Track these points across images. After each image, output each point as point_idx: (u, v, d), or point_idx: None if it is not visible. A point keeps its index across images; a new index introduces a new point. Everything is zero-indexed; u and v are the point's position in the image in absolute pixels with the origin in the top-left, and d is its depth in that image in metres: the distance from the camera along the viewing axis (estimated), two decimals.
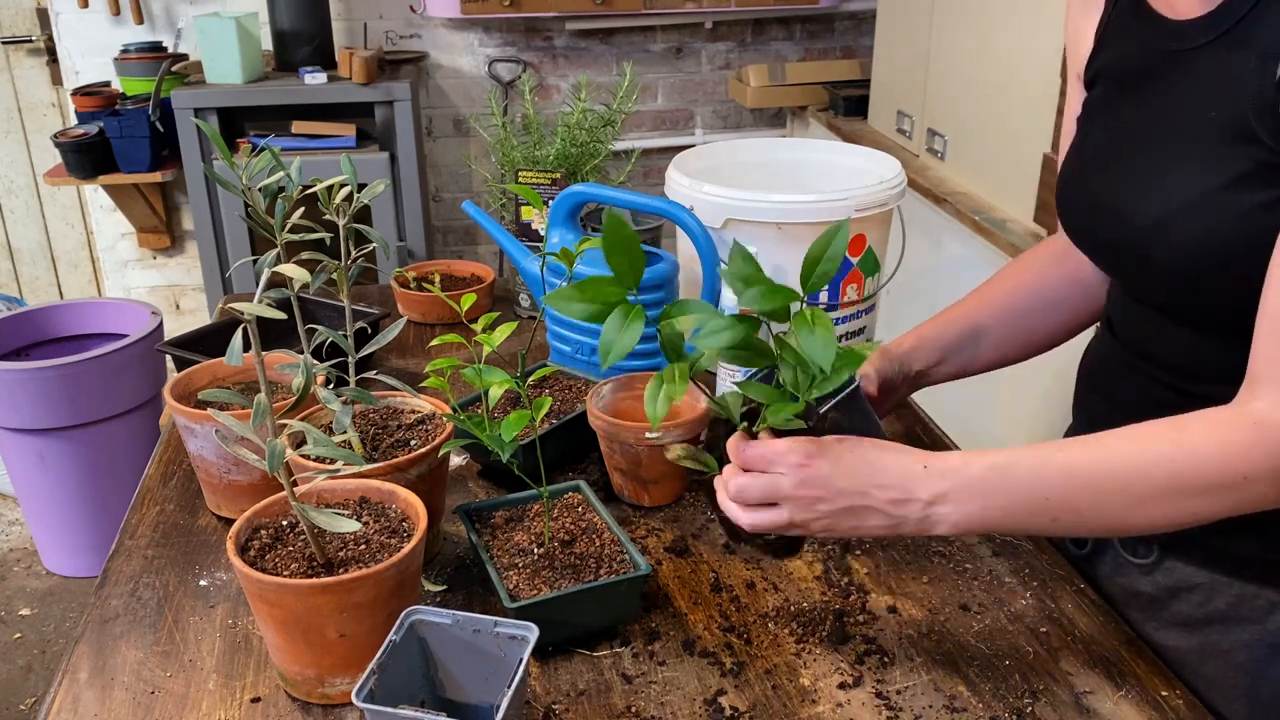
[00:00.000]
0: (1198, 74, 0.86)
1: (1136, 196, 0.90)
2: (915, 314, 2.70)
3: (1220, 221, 0.83)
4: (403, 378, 1.14)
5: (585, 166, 1.62)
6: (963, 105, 2.56)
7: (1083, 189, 0.98)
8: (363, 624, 0.85)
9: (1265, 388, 0.80)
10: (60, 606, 2.70)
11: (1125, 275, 0.99)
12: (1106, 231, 0.95)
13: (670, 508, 1.17)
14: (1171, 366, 0.95)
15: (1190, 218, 0.85)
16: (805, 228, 1.36)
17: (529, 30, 3.46)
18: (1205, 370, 0.89)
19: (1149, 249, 0.88)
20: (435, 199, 3.61)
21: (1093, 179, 0.97)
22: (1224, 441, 0.81)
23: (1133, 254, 0.92)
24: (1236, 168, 0.82)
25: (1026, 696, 0.90)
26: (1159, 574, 0.99)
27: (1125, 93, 0.95)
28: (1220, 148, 0.83)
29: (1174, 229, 0.86)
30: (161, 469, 1.26)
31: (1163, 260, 0.88)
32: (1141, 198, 0.89)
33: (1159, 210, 0.87)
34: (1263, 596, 0.92)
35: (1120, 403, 0.99)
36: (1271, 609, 0.92)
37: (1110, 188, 0.94)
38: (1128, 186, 0.91)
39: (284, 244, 0.90)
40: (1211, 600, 0.95)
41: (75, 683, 0.93)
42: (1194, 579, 0.96)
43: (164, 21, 3.30)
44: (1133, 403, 0.91)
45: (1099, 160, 0.97)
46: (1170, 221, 0.86)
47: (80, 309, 2.85)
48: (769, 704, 0.89)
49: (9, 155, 3.70)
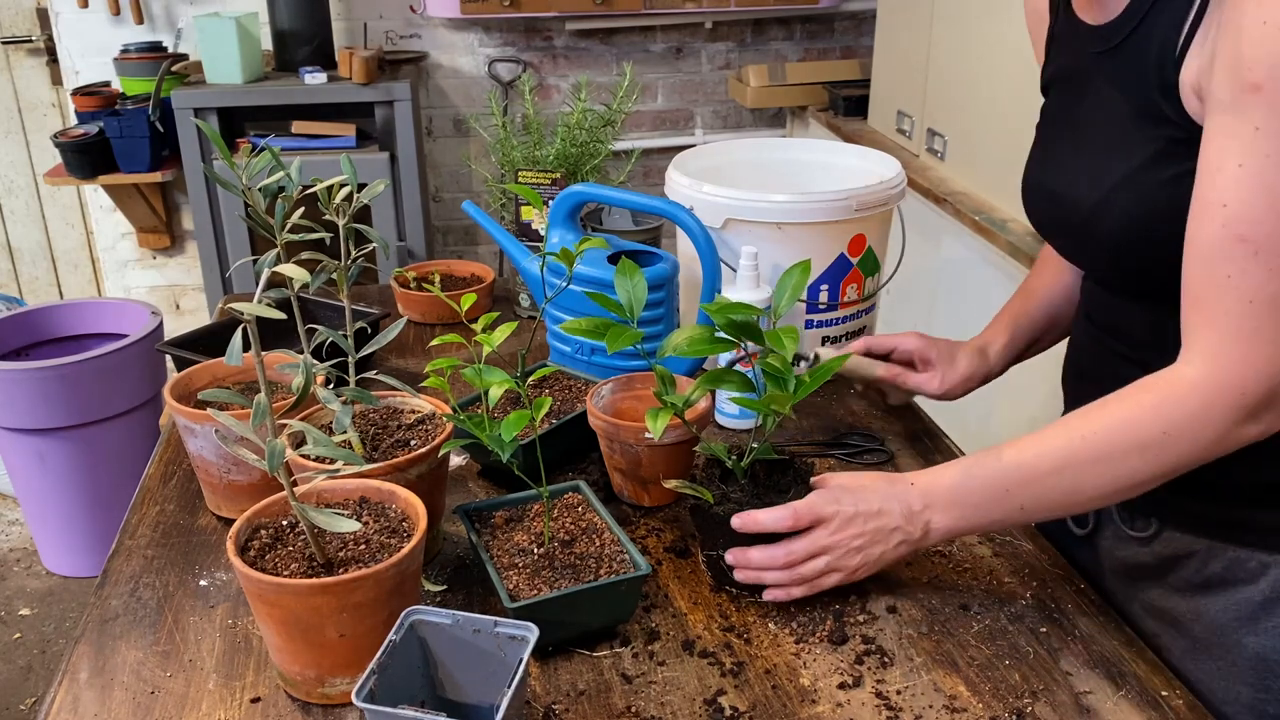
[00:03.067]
0: (1115, 69, 0.96)
1: (1079, 184, 0.99)
2: (915, 314, 2.70)
3: (1144, 195, 0.92)
4: (403, 378, 1.14)
5: (585, 166, 1.62)
6: (963, 105, 2.56)
7: (1038, 182, 1.09)
8: (363, 624, 0.85)
9: (1189, 351, 0.88)
10: (60, 606, 2.70)
11: (1078, 256, 1.08)
12: (1059, 217, 1.05)
13: (670, 508, 1.17)
14: (1137, 342, 1.02)
15: (1122, 196, 0.94)
16: (805, 228, 1.36)
17: (529, 30, 3.46)
18: (1166, 343, 0.93)
19: (1092, 228, 0.97)
20: (435, 199, 3.61)
21: (1046, 172, 1.07)
22: (1140, 403, 0.90)
23: (1080, 235, 1.01)
24: (1153, 147, 0.91)
25: (1026, 696, 0.90)
26: (1158, 544, 1.04)
27: (1067, 95, 1.05)
28: (1139, 131, 0.93)
29: (1111, 208, 0.95)
30: (161, 469, 1.26)
31: (1103, 237, 0.96)
32: (1083, 184, 0.99)
33: (1098, 193, 0.96)
34: (1255, 559, 0.97)
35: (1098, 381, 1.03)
36: (1263, 569, 0.96)
37: (1059, 178, 1.03)
38: (1072, 175, 1.01)
39: (284, 244, 0.90)
40: (1208, 565, 1.00)
41: (75, 683, 0.93)
42: (1192, 546, 1.01)
43: (164, 21, 3.30)
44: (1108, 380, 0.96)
45: (1050, 155, 1.08)
46: (1107, 201, 0.95)
47: (80, 309, 2.85)
48: (769, 704, 0.89)
49: (9, 155, 3.70)
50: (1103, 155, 0.97)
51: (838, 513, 0.98)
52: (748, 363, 1.01)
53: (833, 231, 1.37)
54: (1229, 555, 0.98)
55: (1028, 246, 2.18)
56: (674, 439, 1.12)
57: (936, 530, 0.98)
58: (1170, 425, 0.88)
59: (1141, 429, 0.89)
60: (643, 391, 1.22)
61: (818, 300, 1.41)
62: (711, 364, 1.42)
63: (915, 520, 0.98)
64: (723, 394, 1.31)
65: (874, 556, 0.99)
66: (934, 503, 0.98)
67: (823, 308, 1.42)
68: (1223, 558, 0.99)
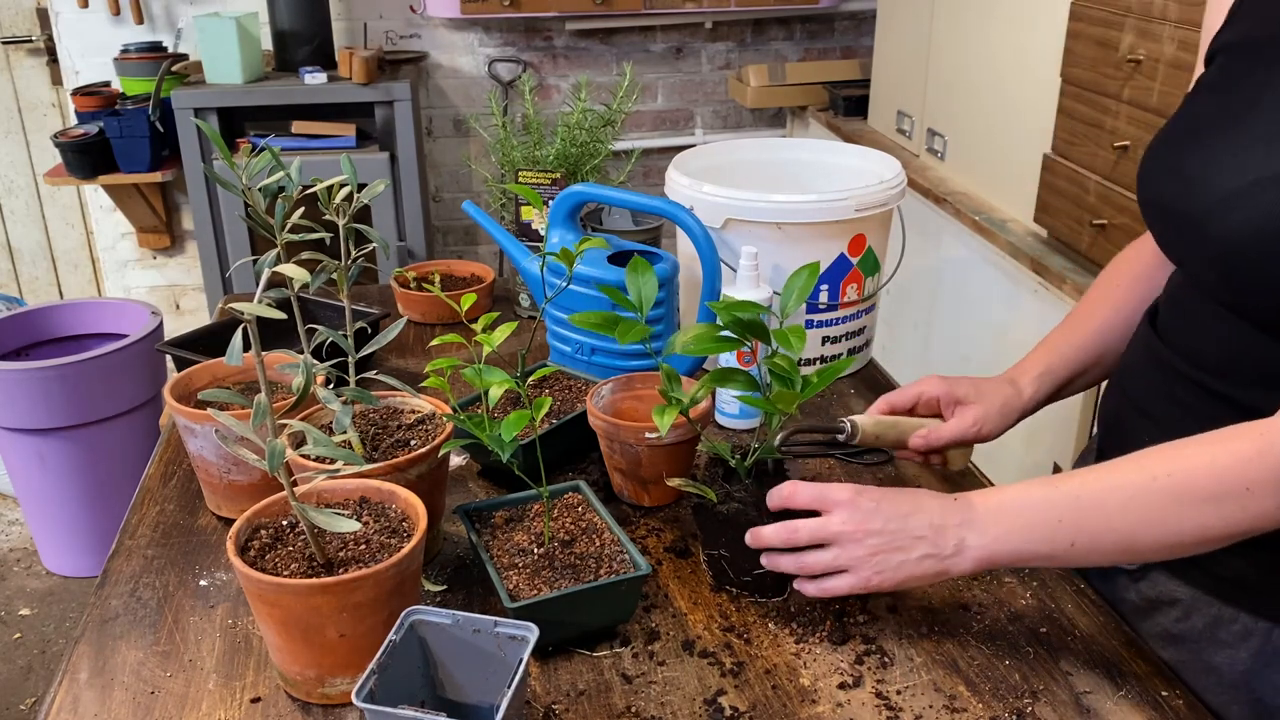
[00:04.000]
0: None
1: (1218, 166, 0.85)
2: (915, 314, 2.70)
3: None
4: (403, 378, 1.14)
5: (585, 166, 1.62)
6: (963, 105, 2.56)
7: (1167, 156, 0.93)
8: (363, 624, 0.85)
9: None
10: (60, 606, 2.70)
11: (1179, 249, 0.94)
12: (1175, 200, 0.90)
13: (670, 508, 1.17)
14: (1205, 362, 0.91)
15: (1263, 194, 0.81)
16: (805, 228, 1.36)
17: (529, 30, 3.46)
18: (1240, 371, 0.86)
19: (1209, 223, 0.85)
20: (435, 199, 3.61)
21: (1181, 147, 0.92)
22: (1232, 450, 0.80)
23: (1193, 227, 0.87)
24: None
25: (1026, 696, 0.90)
26: (1144, 584, 0.99)
27: (1240, 66, 0.90)
28: None
29: (1243, 202, 0.82)
30: (161, 469, 1.26)
31: (1222, 235, 0.83)
32: (1219, 169, 0.85)
33: (1229, 184, 0.83)
34: (1239, 621, 0.91)
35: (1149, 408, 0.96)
36: (1246, 635, 0.90)
37: (1195, 156, 0.89)
38: (1211, 155, 0.87)
39: (284, 244, 0.90)
40: (1190, 617, 0.94)
41: (75, 683, 0.93)
42: (1175, 593, 0.95)
43: (164, 21, 3.30)
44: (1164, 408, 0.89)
45: (1194, 129, 0.92)
46: (1235, 197, 0.82)
47: (80, 309, 2.85)
48: (769, 704, 0.89)
49: (9, 155, 3.70)
50: (1261, 142, 0.83)
51: (853, 501, 0.90)
52: (749, 362, 1.01)
53: (833, 231, 1.37)
54: (1212, 612, 0.92)
55: (1028, 246, 2.18)
56: (675, 438, 1.12)
57: (971, 550, 0.88)
58: (1258, 481, 0.78)
59: (1225, 478, 0.79)
60: (643, 391, 1.22)
61: (818, 300, 1.41)
62: (712, 363, 1.42)
63: (947, 536, 0.88)
64: (723, 394, 1.31)
65: (891, 564, 0.89)
66: (974, 519, 0.88)
67: (823, 308, 1.42)
68: (1205, 613, 0.93)
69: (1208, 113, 0.92)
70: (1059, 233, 2.13)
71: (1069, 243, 2.10)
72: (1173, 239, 0.94)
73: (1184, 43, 1.72)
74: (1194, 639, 0.94)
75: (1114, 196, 1.92)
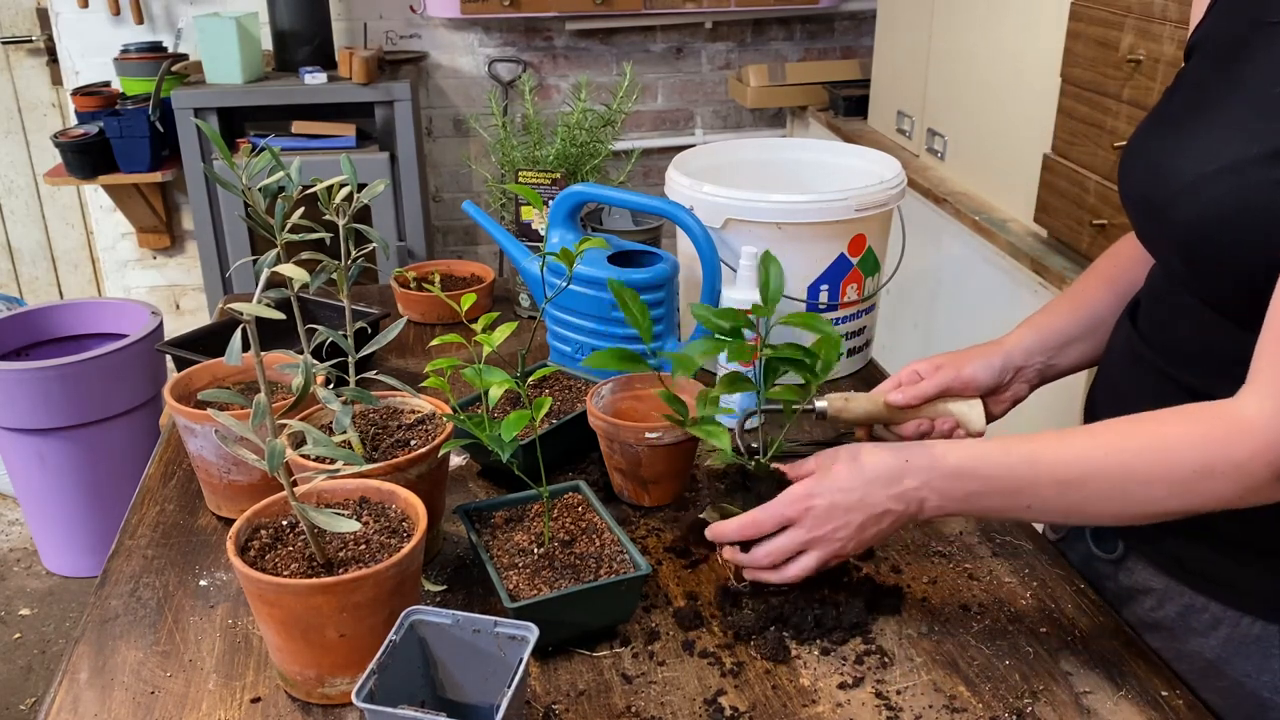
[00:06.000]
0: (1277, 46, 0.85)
1: (1185, 155, 0.88)
2: (915, 314, 2.70)
3: (1247, 187, 0.81)
4: (403, 378, 1.14)
5: (585, 166, 1.62)
6: (963, 105, 2.56)
7: (1143, 146, 0.97)
8: (363, 624, 0.85)
9: (1253, 388, 0.80)
10: (60, 606, 2.70)
11: (1150, 234, 0.97)
12: (1148, 187, 0.94)
13: (670, 508, 1.17)
14: (1180, 357, 0.93)
15: (1219, 182, 0.83)
16: (805, 228, 1.36)
17: (529, 30, 3.46)
18: (1214, 362, 0.87)
19: (1176, 208, 0.87)
20: (435, 199, 3.61)
21: (1156, 137, 0.95)
22: (1184, 433, 0.82)
23: (1162, 212, 0.90)
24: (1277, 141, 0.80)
25: (1026, 696, 0.90)
26: (1122, 573, 1.01)
27: (1214, 61, 0.93)
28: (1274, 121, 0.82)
29: (1202, 190, 0.84)
30: (161, 469, 1.26)
31: (1182, 222, 0.86)
32: (1186, 158, 0.88)
33: (1195, 170, 0.86)
34: (1209, 610, 0.93)
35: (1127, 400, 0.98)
36: (1215, 624, 0.92)
37: (1167, 146, 0.92)
38: (1179, 144, 0.90)
39: (284, 244, 0.90)
40: (1163, 606, 0.97)
41: (75, 683, 0.93)
42: (1150, 582, 0.98)
43: (164, 21, 3.30)
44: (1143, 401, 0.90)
45: (1168, 121, 0.95)
46: (1201, 182, 0.85)
47: (80, 309, 2.85)
48: (769, 704, 0.89)
49: (9, 155, 3.70)
50: (1222, 131, 0.86)
51: (809, 510, 0.92)
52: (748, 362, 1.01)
53: (833, 231, 1.37)
54: (1184, 601, 0.94)
55: (1028, 246, 2.18)
56: (674, 439, 1.12)
57: (930, 509, 0.92)
58: (1209, 463, 0.80)
59: (1178, 459, 0.81)
60: (642, 392, 1.22)
61: (818, 300, 1.41)
62: None
63: (907, 499, 0.91)
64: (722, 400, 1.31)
65: (868, 536, 0.93)
66: (931, 481, 0.90)
67: (823, 308, 1.42)
68: (1178, 601, 0.95)
69: (1182, 105, 0.95)
70: (1059, 233, 2.13)
71: (1069, 243, 2.10)
72: (1144, 228, 0.98)
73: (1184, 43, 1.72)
74: (1169, 626, 0.97)
75: (1114, 196, 1.92)
